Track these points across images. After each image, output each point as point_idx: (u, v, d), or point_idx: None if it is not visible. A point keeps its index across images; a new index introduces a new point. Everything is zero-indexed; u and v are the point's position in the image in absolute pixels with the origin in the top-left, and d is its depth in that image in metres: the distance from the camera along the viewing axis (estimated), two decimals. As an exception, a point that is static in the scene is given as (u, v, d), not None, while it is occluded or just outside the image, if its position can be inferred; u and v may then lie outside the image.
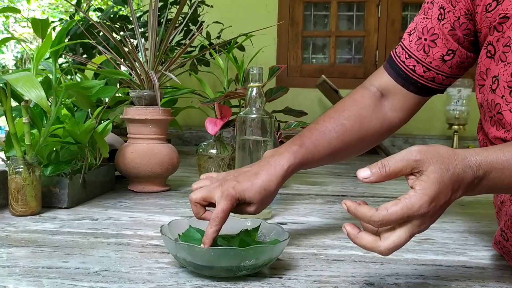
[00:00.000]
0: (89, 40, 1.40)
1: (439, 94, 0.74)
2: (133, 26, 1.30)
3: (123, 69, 1.34)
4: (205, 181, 0.65)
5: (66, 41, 1.51)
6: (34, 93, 0.76)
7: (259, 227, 0.66)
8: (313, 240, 0.77)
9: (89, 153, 1.02)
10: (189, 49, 2.30)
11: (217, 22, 2.35)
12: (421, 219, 0.45)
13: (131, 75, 1.19)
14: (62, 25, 2.16)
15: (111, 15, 2.23)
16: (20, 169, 0.85)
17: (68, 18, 2.60)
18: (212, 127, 1.22)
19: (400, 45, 0.73)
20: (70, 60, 1.66)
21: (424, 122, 2.63)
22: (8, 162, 0.86)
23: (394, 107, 0.75)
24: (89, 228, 0.80)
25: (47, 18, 0.96)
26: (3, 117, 0.88)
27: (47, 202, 0.93)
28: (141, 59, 1.17)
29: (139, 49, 1.22)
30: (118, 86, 1.25)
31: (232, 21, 2.44)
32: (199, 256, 0.55)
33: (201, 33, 1.84)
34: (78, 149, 1.02)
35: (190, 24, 2.26)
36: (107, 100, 1.23)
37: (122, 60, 1.23)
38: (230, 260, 0.54)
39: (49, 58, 0.99)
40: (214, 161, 1.26)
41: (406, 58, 0.71)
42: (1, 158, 0.90)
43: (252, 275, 0.58)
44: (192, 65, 2.01)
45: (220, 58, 1.42)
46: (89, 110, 1.12)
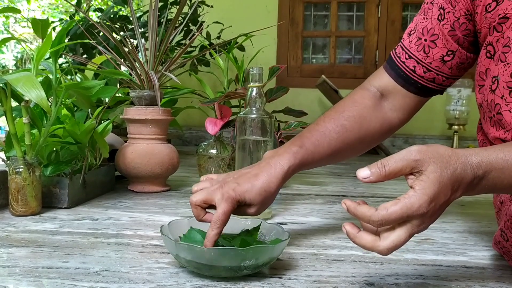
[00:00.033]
0: (89, 40, 1.40)
1: (439, 94, 0.74)
2: (133, 26, 1.30)
3: (123, 69, 1.34)
4: (205, 183, 0.65)
5: (66, 41, 1.51)
6: (34, 93, 0.76)
7: (259, 226, 0.66)
8: (313, 240, 0.77)
9: (89, 153, 1.02)
10: (189, 49, 2.30)
11: (217, 22, 2.35)
12: (421, 219, 0.45)
13: (131, 75, 1.19)
14: (62, 25, 2.16)
15: (111, 15, 2.24)
16: (20, 169, 0.85)
17: (68, 18, 2.60)
18: (212, 127, 1.22)
19: (400, 45, 0.73)
20: (70, 60, 1.66)
21: (424, 122, 2.62)
22: (8, 162, 0.86)
23: (394, 107, 0.75)
24: (89, 228, 0.80)
25: (47, 18, 0.96)
26: (3, 117, 0.88)
27: (47, 202, 0.93)
28: (141, 59, 1.17)
29: (139, 49, 1.22)
30: (118, 86, 1.25)
31: (232, 21, 2.43)
32: (199, 257, 0.55)
33: (201, 33, 1.84)
34: (78, 149, 1.02)
35: (190, 24, 2.26)
36: (107, 100, 1.23)
37: (122, 60, 1.23)
38: (231, 260, 0.54)
39: (49, 58, 0.99)
40: (214, 161, 1.26)
41: (406, 59, 0.71)
42: (1, 158, 0.90)
43: (252, 275, 0.58)
44: (192, 65, 2.01)
45: (220, 58, 1.42)
46: (89, 110, 1.13)
